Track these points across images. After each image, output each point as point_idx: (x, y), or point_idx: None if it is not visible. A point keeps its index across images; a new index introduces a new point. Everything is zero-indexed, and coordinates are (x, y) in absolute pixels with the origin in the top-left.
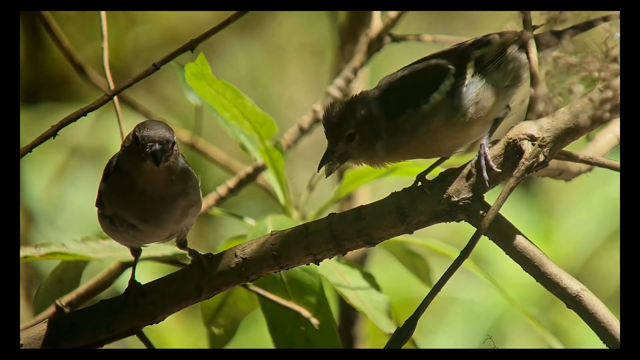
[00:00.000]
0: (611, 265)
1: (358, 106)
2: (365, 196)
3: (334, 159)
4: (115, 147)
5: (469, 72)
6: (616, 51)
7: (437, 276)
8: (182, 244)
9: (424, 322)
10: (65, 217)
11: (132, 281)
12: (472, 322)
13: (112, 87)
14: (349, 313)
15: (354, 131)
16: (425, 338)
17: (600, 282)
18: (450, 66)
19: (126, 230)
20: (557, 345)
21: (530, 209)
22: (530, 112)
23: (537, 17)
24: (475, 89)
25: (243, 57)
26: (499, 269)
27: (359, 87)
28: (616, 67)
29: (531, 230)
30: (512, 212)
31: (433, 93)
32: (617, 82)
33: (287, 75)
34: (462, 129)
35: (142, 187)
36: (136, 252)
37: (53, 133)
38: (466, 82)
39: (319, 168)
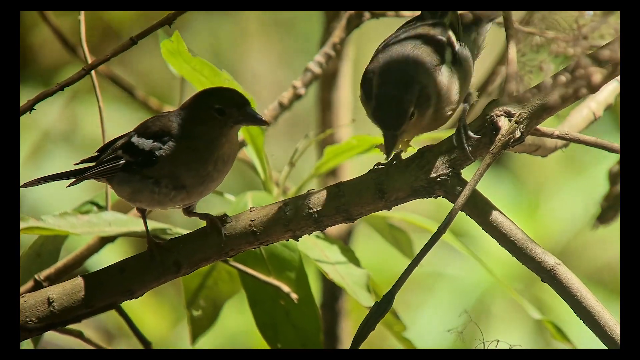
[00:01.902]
0: (594, 243)
1: (412, 82)
2: (351, 171)
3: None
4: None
5: (454, 40)
6: (587, 29)
7: (418, 251)
8: (190, 210)
9: (410, 297)
10: (38, 196)
11: (150, 239)
12: (457, 297)
13: (89, 61)
14: (333, 289)
15: (414, 109)
16: (411, 312)
17: (582, 260)
18: (440, 36)
19: (170, 191)
20: (537, 316)
21: (517, 186)
22: (504, 90)
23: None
24: (464, 56)
25: (221, 33)
26: (484, 245)
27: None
28: (587, 44)
29: (516, 207)
30: (498, 188)
31: (444, 61)
32: (587, 59)
33: (266, 53)
34: (460, 99)
35: (224, 150)
36: (143, 211)
37: (29, 107)
38: (457, 50)
39: (389, 155)
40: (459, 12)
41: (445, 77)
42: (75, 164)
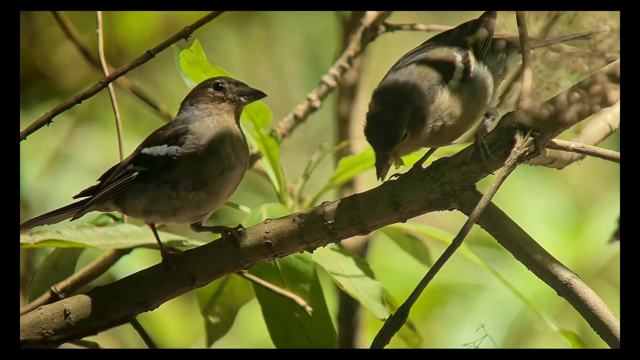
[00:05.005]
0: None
1: (405, 104)
2: (366, 183)
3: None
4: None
5: (472, 59)
6: (603, 45)
7: (435, 259)
8: (199, 225)
9: (451, 310)
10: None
11: (164, 251)
12: (499, 312)
13: (107, 73)
14: (349, 301)
15: (407, 131)
16: (451, 329)
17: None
18: (456, 54)
19: (188, 193)
20: (555, 328)
21: (568, 198)
22: (519, 106)
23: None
24: (481, 75)
25: (236, 47)
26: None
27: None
28: (603, 61)
29: (562, 220)
30: (545, 199)
31: (449, 80)
32: (604, 76)
33: (281, 66)
34: (472, 116)
35: (233, 129)
36: (152, 225)
37: (47, 120)
38: (472, 69)
39: (380, 177)
40: (495, 34)
41: (447, 95)
42: (75, 197)
